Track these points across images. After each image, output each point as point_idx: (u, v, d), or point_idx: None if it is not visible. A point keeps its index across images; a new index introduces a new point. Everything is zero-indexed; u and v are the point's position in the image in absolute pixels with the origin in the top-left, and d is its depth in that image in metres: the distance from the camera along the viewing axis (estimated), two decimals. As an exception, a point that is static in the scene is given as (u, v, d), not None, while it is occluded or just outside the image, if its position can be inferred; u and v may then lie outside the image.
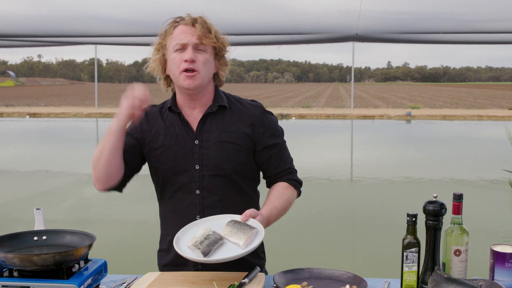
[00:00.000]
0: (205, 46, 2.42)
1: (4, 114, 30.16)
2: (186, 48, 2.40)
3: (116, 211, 9.01)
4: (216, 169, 2.45)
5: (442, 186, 10.92)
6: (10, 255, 1.94)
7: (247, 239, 2.12)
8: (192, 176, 2.47)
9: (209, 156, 2.45)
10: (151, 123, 2.55)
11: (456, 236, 2.05)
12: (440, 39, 19.57)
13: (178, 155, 2.48)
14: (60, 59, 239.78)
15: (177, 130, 2.50)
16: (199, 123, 2.48)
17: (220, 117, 2.50)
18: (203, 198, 2.47)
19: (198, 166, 2.46)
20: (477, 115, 28.04)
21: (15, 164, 14.17)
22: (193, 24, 2.42)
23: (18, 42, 20.89)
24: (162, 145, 2.50)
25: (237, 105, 2.55)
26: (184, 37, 2.40)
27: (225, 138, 2.46)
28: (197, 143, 2.47)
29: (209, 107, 2.50)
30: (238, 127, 2.49)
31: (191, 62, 2.39)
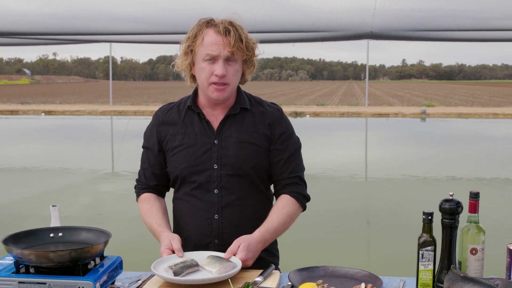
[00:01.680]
0: (236, 57, 2.41)
1: (20, 111, 30.37)
2: (217, 60, 2.38)
3: (131, 208, 9.02)
4: (235, 169, 2.45)
5: (458, 185, 10.85)
6: (27, 251, 1.95)
7: (221, 268, 2.12)
8: (210, 175, 2.47)
9: (228, 156, 2.46)
10: (167, 125, 2.57)
11: (473, 234, 2.04)
12: (456, 37, 19.47)
13: (196, 154, 2.48)
14: (75, 57, 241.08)
15: (196, 130, 2.50)
16: (220, 124, 2.49)
17: (241, 118, 2.51)
18: (221, 197, 2.48)
19: (217, 165, 2.46)
20: (492, 113, 27.85)
21: (31, 161, 14.26)
22: (226, 34, 2.36)
23: (34, 40, 21.03)
24: (180, 144, 2.51)
25: (258, 107, 2.56)
26: (216, 49, 2.37)
27: (244, 138, 2.47)
28: (217, 142, 2.47)
29: (231, 109, 2.51)
30: (257, 128, 2.50)
31: (221, 77, 2.38)
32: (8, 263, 2.09)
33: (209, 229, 2.49)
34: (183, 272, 2.09)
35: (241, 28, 2.42)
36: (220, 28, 2.36)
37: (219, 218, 2.48)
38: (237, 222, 2.49)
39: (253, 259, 2.33)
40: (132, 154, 15.50)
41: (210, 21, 2.42)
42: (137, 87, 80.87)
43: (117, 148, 17.61)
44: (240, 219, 2.49)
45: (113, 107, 31.61)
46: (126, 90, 52.90)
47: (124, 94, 46.94)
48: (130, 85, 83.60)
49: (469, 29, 16.74)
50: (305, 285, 2.02)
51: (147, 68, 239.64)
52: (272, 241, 2.49)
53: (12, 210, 9.05)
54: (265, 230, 2.42)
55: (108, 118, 28.20)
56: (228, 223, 2.48)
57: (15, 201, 9.71)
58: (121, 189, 10.84)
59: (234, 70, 2.41)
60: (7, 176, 12.30)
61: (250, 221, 2.50)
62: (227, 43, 2.35)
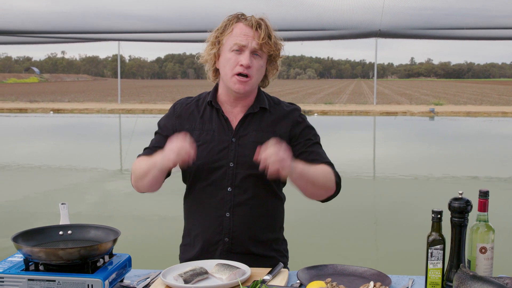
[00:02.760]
0: (262, 52, 2.42)
1: (29, 110, 30.47)
2: (243, 51, 2.39)
3: (140, 206, 9.06)
4: (250, 169, 2.43)
5: (467, 183, 10.82)
6: (36, 249, 1.96)
7: (231, 275, 2.11)
8: (225, 173, 2.46)
9: (244, 155, 2.45)
10: (184, 119, 2.55)
11: (482, 233, 2.03)
12: (464, 35, 19.40)
13: (213, 151, 2.47)
14: (84, 56, 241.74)
15: (214, 126, 2.50)
16: (239, 122, 2.49)
17: (259, 118, 2.51)
18: (234, 196, 2.47)
19: (233, 164, 2.46)
20: (501, 112, 27.74)
21: (40, 159, 14.31)
22: (256, 28, 2.40)
23: (42, 38, 21.10)
24: (197, 140, 2.47)
25: (276, 107, 2.56)
26: (244, 39, 2.39)
27: (262, 138, 2.44)
28: (234, 141, 2.47)
29: (250, 107, 2.51)
30: (275, 129, 2.50)
31: (246, 67, 2.38)
32: (18, 261, 2.10)
33: (220, 227, 2.48)
34: (193, 280, 2.09)
35: (271, 28, 2.45)
36: (252, 21, 2.40)
37: (231, 216, 2.47)
38: (248, 221, 2.48)
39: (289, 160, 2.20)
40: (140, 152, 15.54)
41: (241, 16, 2.45)
42: (145, 85, 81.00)
43: (125, 146, 17.65)
44: (252, 218, 2.49)
45: (122, 106, 31.67)
46: (134, 89, 53.04)
47: (132, 92, 47.05)
48: (138, 84, 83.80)
49: (478, 28, 16.68)
50: (314, 283, 2.02)
51: (155, 66, 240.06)
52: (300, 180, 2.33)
53: (21, 208, 9.09)
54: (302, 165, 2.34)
55: (117, 116, 28.26)
56: (239, 222, 2.47)
57: (24, 199, 9.75)
58: (129, 187, 10.85)
59: (259, 65, 2.42)
60: (16, 174, 12.35)
61: (261, 221, 2.51)
62: (257, 35, 2.38)
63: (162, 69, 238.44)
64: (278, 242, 2.63)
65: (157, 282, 2.13)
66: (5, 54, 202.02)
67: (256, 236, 2.52)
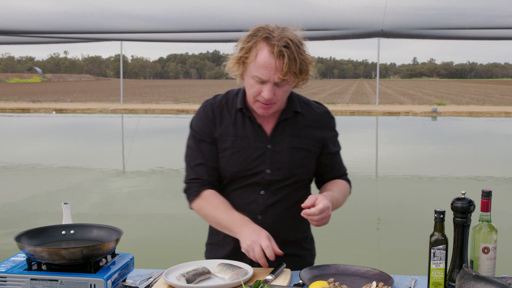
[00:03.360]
0: (286, 81, 2.29)
1: (31, 109, 30.50)
2: (265, 83, 2.29)
3: (142, 206, 9.07)
4: (287, 174, 2.43)
5: (469, 184, 10.81)
6: (39, 248, 1.96)
7: (233, 275, 2.11)
8: (262, 178, 2.44)
9: (281, 162, 2.42)
10: (217, 123, 2.48)
11: (485, 233, 2.03)
12: (467, 35, 19.37)
13: (249, 158, 2.43)
14: (86, 56, 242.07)
15: (248, 133, 2.44)
16: (274, 128, 2.44)
17: (293, 122, 2.47)
18: (266, 199, 2.45)
19: (270, 170, 2.43)
20: (504, 112, 27.70)
21: (42, 159, 14.32)
22: (280, 57, 2.23)
23: (45, 38, 21.11)
24: (231, 147, 2.44)
25: (307, 109, 2.52)
26: (266, 74, 2.26)
27: (298, 144, 2.44)
28: (270, 147, 2.43)
29: (284, 113, 2.46)
30: (310, 133, 2.48)
31: (270, 100, 2.31)
32: (21, 260, 2.10)
33: None
34: (196, 280, 2.09)
35: (298, 47, 2.28)
36: (275, 49, 2.23)
37: (262, 219, 2.45)
38: (279, 222, 2.47)
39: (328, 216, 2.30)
40: (142, 152, 15.56)
41: (268, 37, 2.26)
42: (147, 85, 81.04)
43: (127, 146, 17.65)
44: (283, 220, 2.48)
45: (124, 105, 31.69)
46: (136, 88, 53.07)
47: (134, 92, 47.07)
48: (140, 83, 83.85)
49: (481, 27, 16.65)
50: (316, 283, 2.02)
51: (157, 66, 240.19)
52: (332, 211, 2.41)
53: (24, 208, 9.09)
54: (331, 195, 2.41)
55: (119, 116, 28.27)
56: (271, 224, 2.44)
57: (27, 198, 9.76)
58: (132, 187, 10.87)
59: (283, 91, 2.33)
60: (18, 174, 12.36)
61: (292, 222, 2.50)
62: (279, 67, 2.24)
63: (165, 69, 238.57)
64: (307, 241, 2.65)
65: (159, 282, 2.13)
66: (7, 54, 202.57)
67: (287, 237, 2.50)
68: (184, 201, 2.65)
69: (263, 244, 2.20)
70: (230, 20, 14.68)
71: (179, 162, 12.40)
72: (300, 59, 2.27)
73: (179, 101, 36.84)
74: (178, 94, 48.02)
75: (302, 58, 2.28)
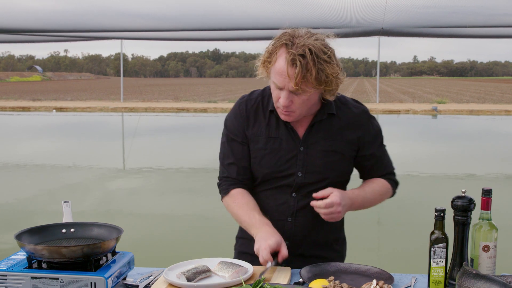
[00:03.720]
0: (303, 90, 2.22)
1: (32, 108, 30.50)
2: (282, 90, 2.26)
3: (142, 205, 9.07)
4: (320, 177, 2.40)
5: (469, 182, 10.81)
6: (39, 247, 1.96)
7: (234, 273, 2.11)
8: (293, 181, 2.42)
9: (314, 165, 2.40)
10: (251, 122, 2.47)
11: (485, 231, 2.03)
12: (467, 33, 19.35)
13: (281, 160, 2.41)
14: (86, 54, 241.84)
15: (281, 134, 2.42)
16: (307, 130, 2.40)
17: (327, 124, 2.41)
18: (298, 201, 2.44)
19: (301, 173, 2.41)
20: (504, 110, 27.70)
21: (43, 158, 14.33)
22: (292, 65, 2.17)
23: (45, 37, 21.09)
24: (264, 147, 2.43)
25: (344, 110, 2.45)
26: (281, 81, 2.22)
27: (331, 147, 2.39)
28: (302, 150, 2.40)
29: (318, 115, 2.40)
30: (344, 135, 2.41)
31: (285, 107, 2.29)
32: (21, 259, 2.11)
33: (281, 231, 2.37)
34: (196, 278, 2.09)
35: (317, 56, 2.18)
36: (289, 57, 2.17)
37: (292, 221, 2.44)
38: (310, 225, 2.45)
39: (342, 212, 2.31)
40: (143, 151, 15.56)
41: (287, 43, 2.22)
42: (148, 83, 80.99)
43: (128, 144, 17.66)
44: (313, 223, 2.44)
45: (124, 104, 31.69)
46: (137, 87, 53.04)
47: (135, 90, 47.05)
48: (141, 82, 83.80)
49: (481, 26, 16.63)
50: (317, 281, 2.02)
51: (158, 64, 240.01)
52: (358, 208, 2.46)
53: (24, 206, 9.10)
54: (357, 193, 2.43)
55: (119, 114, 28.27)
56: (301, 227, 2.43)
57: (27, 197, 9.77)
58: (132, 185, 10.88)
59: (301, 100, 2.26)
60: (19, 172, 12.37)
61: (322, 224, 2.44)
62: (292, 76, 2.18)
63: (165, 67, 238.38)
64: (338, 242, 2.62)
65: (160, 280, 2.13)
66: (8, 52, 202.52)
67: (317, 239, 2.49)
68: (185, 200, 2.65)
69: (262, 247, 2.20)
70: (230, 19, 14.67)
71: (179, 161, 12.49)
72: (319, 69, 2.18)
73: (179, 99, 36.83)
74: (178, 92, 48.01)
75: (321, 68, 2.18)
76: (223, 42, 22.06)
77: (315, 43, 2.20)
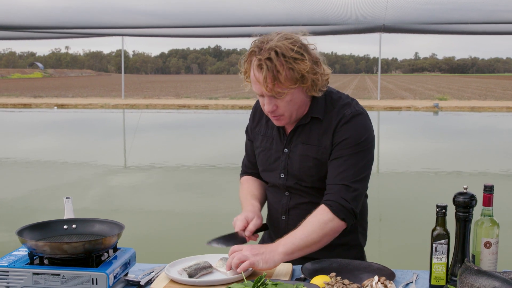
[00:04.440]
0: (281, 92, 2.22)
1: (33, 105, 30.52)
2: (263, 96, 2.27)
3: (144, 201, 9.07)
4: (299, 180, 2.41)
5: (471, 179, 10.80)
6: (41, 243, 1.97)
7: (235, 269, 2.11)
8: (279, 180, 2.46)
9: (293, 168, 2.41)
10: (256, 120, 2.58)
11: (487, 228, 2.03)
12: (469, 30, 19.32)
13: (270, 159, 2.48)
14: (88, 51, 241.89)
15: (274, 134, 2.47)
16: (290, 133, 2.41)
17: (308, 129, 2.37)
18: (289, 200, 2.47)
19: (283, 174, 2.44)
20: (506, 107, 27.66)
21: (44, 154, 14.34)
22: (260, 70, 2.17)
23: (46, 34, 21.09)
24: (260, 145, 2.52)
25: (331, 112, 2.35)
26: (257, 88, 2.24)
27: (308, 151, 2.36)
28: (286, 151, 2.42)
29: (302, 119, 2.38)
30: (321, 141, 2.34)
31: (271, 112, 2.30)
32: (22, 255, 2.11)
33: (277, 228, 2.49)
34: (197, 274, 2.10)
35: (284, 55, 2.16)
36: (257, 62, 2.18)
37: (286, 219, 2.47)
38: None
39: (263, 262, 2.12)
40: (144, 147, 15.57)
41: (254, 51, 2.22)
42: (149, 80, 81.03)
43: (129, 141, 17.66)
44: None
45: (125, 101, 31.69)
46: (138, 84, 52.99)
47: (136, 87, 47.04)
48: (142, 79, 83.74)
49: (483, 22, 16.61)
50: (318, 277, 2.02)
51: (159, 61, 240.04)
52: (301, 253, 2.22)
53: (26, 203, 9.11)
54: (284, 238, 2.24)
55: (120, 111, 28.27)
56: (293, 226, 2.37)
57: (29, 193, 9.77)
58: (133, 182, 10.88)
59: (285, 103, 2.25)
60: (20, 169, 12.38)
61: None
62: (262, 81, 2.18)
63: (166, 64, 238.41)
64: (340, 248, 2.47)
65: (161, 276, 2.14)
66: (9, 49, 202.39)
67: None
68: (186, 196, 2.67)
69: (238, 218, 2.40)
70: (231, 15, 14.66)
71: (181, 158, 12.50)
72: (288, 69, 2.16)
73: (181, 96, 36.83)
74: (179, 89, 48.00)
75: (290, 67, 2.16)
76: (224, 38, 22.07)
77: (283, 43, 2.18)
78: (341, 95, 2.43)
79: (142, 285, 2.12)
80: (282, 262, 2.17)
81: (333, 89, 2.45)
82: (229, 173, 11.53)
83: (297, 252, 2.20)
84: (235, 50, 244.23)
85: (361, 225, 2.59)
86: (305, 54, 2.21)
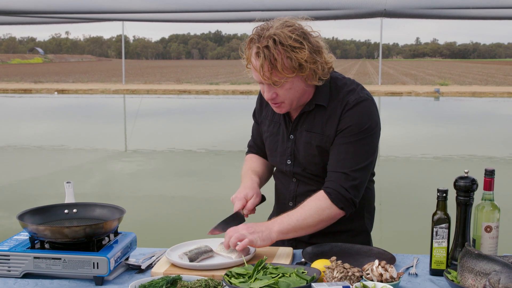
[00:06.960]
0: (280, 81, 2.19)
1: (33, 90, 30.48)
2: (262, 83, 2.26)
3: (145, 186, 9.08)
4: (305, 168, 2.40)
5: (472, 163, 10.81)
6: (42, 227, 1.97)
7: (240, 253, 2.13)
8: (286, 167, 2.45)
9: (299, 155, 2.39)
10: (264, 105, 2.56)
11: (487, 212, 2.03)
12: (470, 15, 19.24)
13: (277, 145, 2.47)
14: (88, 36, 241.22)
15: (280, 119, 2.45)
16: (295, 120, 2.39)
17: (312, 117, 2.34)
18: (297, 187, 2.46)
19: (290, 161, 2.43)
20: (507, 92, 27.62)
21: (44, 139, 14.34)
22: (257, 58, 2.16)
23: (46, 19, 21.01)
24: (267, 130, 2.52)
25: (335, 99, 2.31)
26: (256, 76, 2.22)
27: (311, 139, 2.34)
28: (292, 138, 2.41)
29: (306, 106, 2.34)
30: (325, 129, 2.31)
31: (271, 99, 2.29)
32: (24, 239, 2.11)
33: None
34: (198, 258, 2.11)
35: (282, 44, 2.13)
36: (255, 51, 2.17)
37: (293, 206, 2.43)
38: None
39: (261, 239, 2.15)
40: (145, 133, 15.57)
41: (255, 37, 2.19)
42: (149, 65, 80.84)
43: (130, 126, 17.66)
44: None
45: (126, 86, 31.65)
46: (138, 69, 52.94)
47: (136, 73, 46.96)
48: (142, 64, 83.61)
49: (484, 7, 16.53)
50: (319, 261, 2.02)
51: (159, 46, 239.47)
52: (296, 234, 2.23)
53: (26, 188, 9.12)
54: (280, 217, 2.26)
55: (121, 97, 28.25)
56: None
57: (30, 178, 9.79)
58: (134, 167, 10.89)
59: (285, 91, 2.22)
60: (21, 154, 12.39)
61: None
62: (259, 69, 2.17)
63: (167, 49, 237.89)
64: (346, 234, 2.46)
65: (162, 260, 2.14)
66: (9, 34, 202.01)
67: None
68: (187, 182, 2.68)
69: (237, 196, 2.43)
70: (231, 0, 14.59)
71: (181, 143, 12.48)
72: (286, 57, 2.13)
73: (181, 81, 36.78)
74: (180, 74, 47.91)
75: (288, 55, 2.13)
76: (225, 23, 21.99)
77: (282, 31, 2.14)
78: (346, 81, 2.38)
79: (143, 269, 2.12)
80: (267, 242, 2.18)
81: (338, 75, 2.41)
82: (230, 158, 11.54)
83: (292, 233, 2.22)
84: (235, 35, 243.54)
85: (368, 211, 2.61)
86: (304, 43, 2.17)
